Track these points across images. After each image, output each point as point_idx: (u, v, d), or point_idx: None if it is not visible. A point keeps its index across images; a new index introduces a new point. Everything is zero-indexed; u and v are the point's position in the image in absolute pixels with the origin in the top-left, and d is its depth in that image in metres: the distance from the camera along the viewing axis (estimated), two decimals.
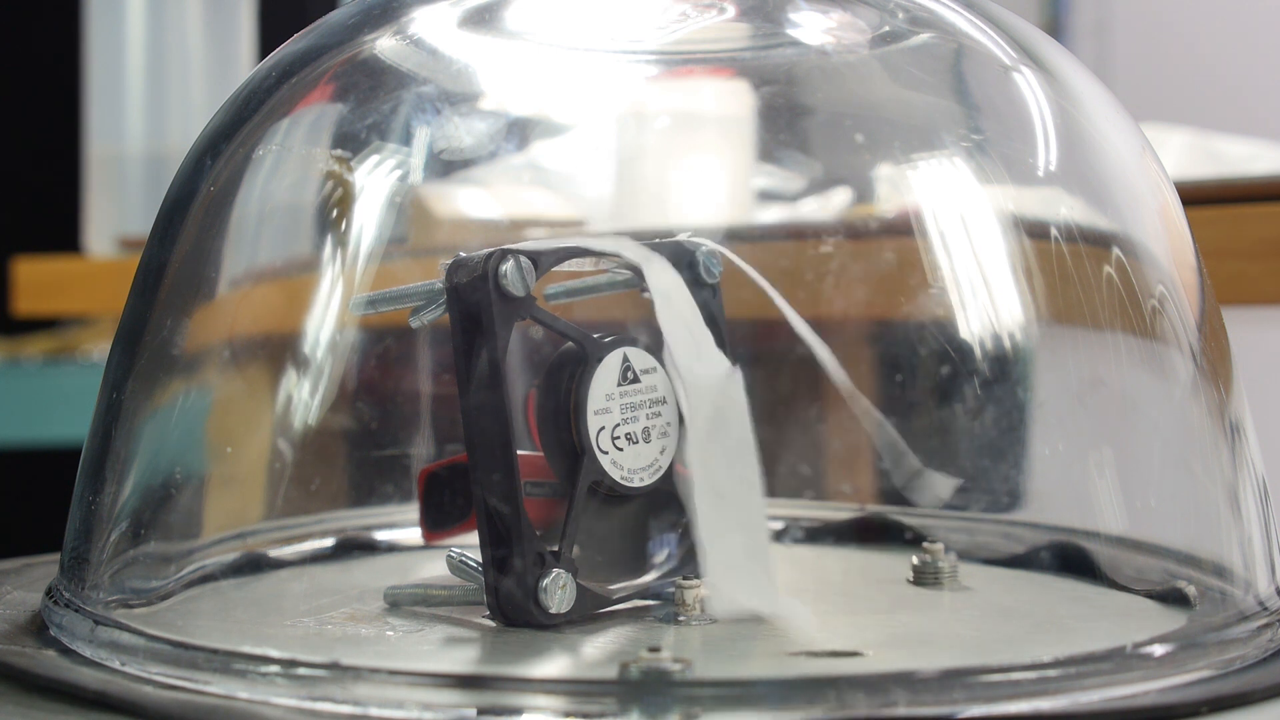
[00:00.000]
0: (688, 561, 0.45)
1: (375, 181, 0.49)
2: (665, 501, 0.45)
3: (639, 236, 0.45)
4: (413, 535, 0.53)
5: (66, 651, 0.39)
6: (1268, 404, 0.60)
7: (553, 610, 0.40)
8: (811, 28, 0.50)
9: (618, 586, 0.43)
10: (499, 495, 0.41)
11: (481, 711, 0.33)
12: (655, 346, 0.45)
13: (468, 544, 0.43)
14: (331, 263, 0.49)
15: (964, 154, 0.49)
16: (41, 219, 1.77)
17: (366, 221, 0.49)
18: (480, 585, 0.41)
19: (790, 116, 0.54)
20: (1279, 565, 0.44)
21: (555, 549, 0.41)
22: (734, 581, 0.39)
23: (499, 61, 0.51)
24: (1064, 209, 0.48)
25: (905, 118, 0.51)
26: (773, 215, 0.70)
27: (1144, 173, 0.49)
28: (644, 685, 0.33)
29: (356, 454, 0.57)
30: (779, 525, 0.55)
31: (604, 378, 0.43)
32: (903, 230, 0.54)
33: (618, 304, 0.49)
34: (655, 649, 0.34)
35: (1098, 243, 0.47)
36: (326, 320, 0.49)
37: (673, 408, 0.44)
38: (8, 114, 1.84)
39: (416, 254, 0.53)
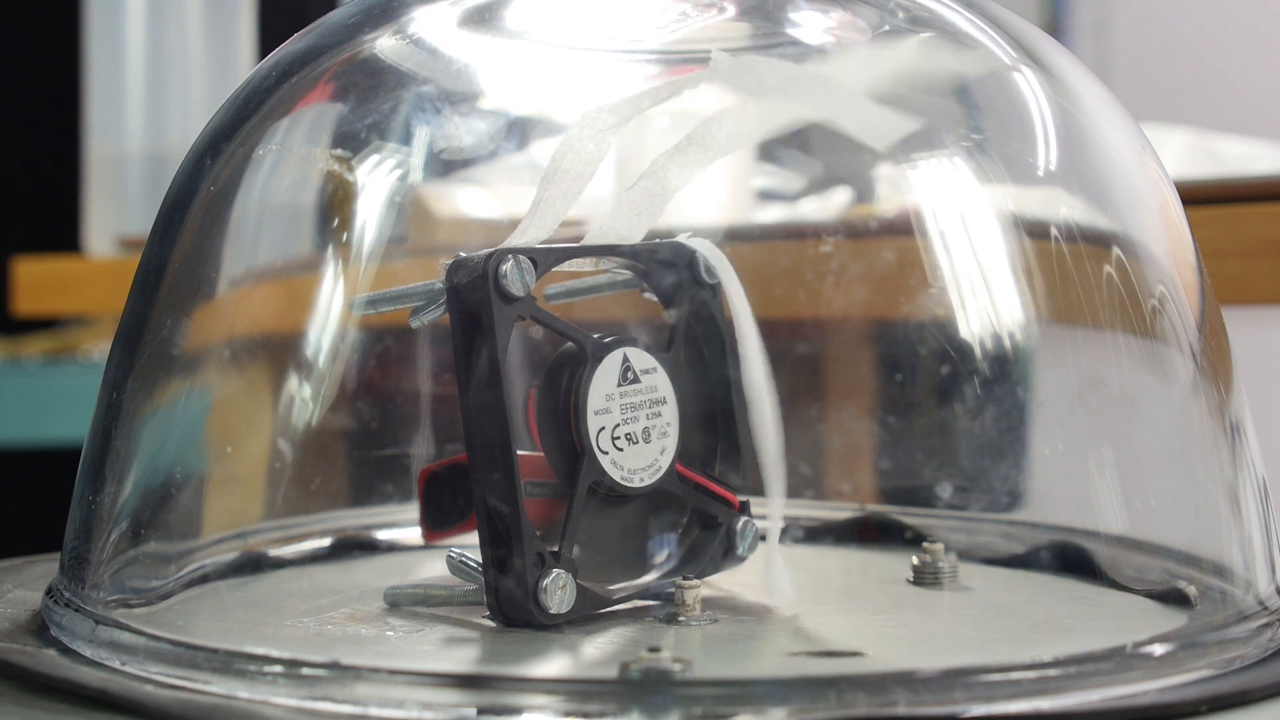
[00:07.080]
0: (688, 561, 0.45)
1: (375, 181, 0.49)
2: (665, 501, 0.45)
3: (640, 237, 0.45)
4: (413, 535, 0.53)
5: (67, 651, 0.39)
6: (1268, 404, 0.60)
7: (553, 610, 0.40)
8: (811, 27, 0.50)
9: (618, 586, 0.43)
10: (499, 495, 0.40)
11: (481, 711, 0.33)
12: (655, 346, 0.45)
13: (468, 544, 0.43)
14: (331, 263, 0.49)
15: (964, 154, 0.49)
16: (41, 219, 1.77)
17: (366, 221, 0.49)
18: (480, 585, 0.41)
19: None
20: (1279, 565, 0.44)
21: (555, 549, 0.41)
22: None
23: (499, 61, 0.51)
24: (1064, 209, 0.48)
25: None
26: (773, 215, 0.70)
27: (1144, 173, 0.49)
28: (644, 685, 0.33)
29: (356, 454, 0.57)
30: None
31: (604, 378, 0.43)
32: (903, 230, 0.54)
33: (618, 304, 0.49)
34: (655, 649, 0.34)
35: (1098, 243, 0.47)
36: (326, 320, 0.49)
37: (672, 408, 0.44)
38: (8, 114, 1.84)
39: (416, 254, 0.53)
